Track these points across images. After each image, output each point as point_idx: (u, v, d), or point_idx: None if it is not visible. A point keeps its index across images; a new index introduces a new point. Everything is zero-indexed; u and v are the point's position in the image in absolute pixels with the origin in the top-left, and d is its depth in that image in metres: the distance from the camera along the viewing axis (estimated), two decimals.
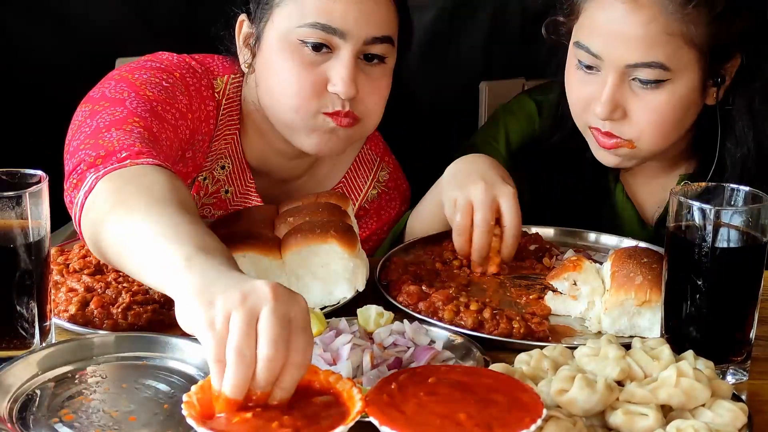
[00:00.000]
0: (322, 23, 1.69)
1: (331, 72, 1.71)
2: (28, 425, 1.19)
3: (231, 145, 1.87)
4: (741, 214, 1.31)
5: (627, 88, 1.72)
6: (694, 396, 1.15)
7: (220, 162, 1.88)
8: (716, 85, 1.76)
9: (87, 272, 1.57)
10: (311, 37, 1.70)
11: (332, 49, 1.71)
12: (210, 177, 1.88)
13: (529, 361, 1.24)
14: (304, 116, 1.73)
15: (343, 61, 1.70)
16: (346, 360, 1.29)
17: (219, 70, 1.86)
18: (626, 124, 1.74)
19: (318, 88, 1.71)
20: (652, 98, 1.71)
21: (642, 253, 1.54)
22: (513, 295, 1.62)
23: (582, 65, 1.76)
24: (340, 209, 1.63)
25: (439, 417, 1.06)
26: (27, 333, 1.33)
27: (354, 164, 2.00)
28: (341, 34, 1.69)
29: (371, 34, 1.72)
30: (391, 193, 2.03)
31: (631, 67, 1.69)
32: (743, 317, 1.33)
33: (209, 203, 1.91)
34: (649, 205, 1.96)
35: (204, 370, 1.29)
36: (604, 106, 1.72)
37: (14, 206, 1.29)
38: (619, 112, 1.73)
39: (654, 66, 1.68)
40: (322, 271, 1.53)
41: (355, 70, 1.71)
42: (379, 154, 2.03)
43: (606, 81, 1.72)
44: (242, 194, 1.92)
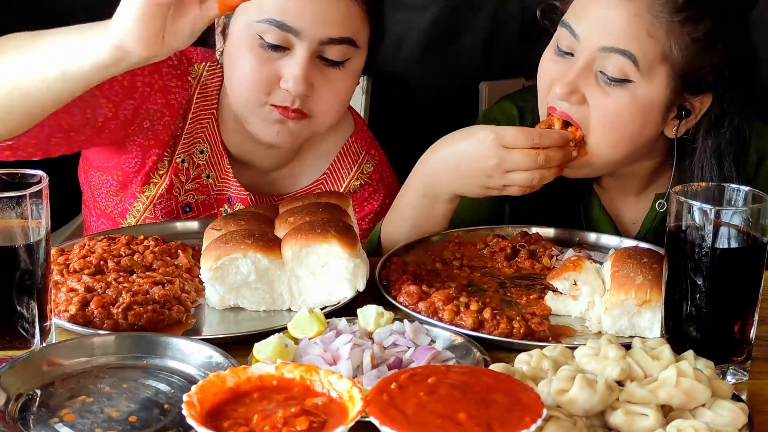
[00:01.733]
0: (277, 20, 1.71)
1: (285, 69, 1.74)
2: (28, 425, 1.19)
3: (207, 129, 1.92)
4: (741, 214, 1.31)
5: (592, 77, 1.72)
6: (695, 396, 1.15)
7: (199, 146, 1.93)
8: (679, 117, 1.75)
9: (87, 272, 1.57)
10: (268, 33, 1.72)
11: (289, 48, 1.74)
12: (189, 161, 1.93)
13: (530, 361, 1.24)
14: (253, 106, 1.77)
15: (297, 59, 1.73)
16: (347, 360, 1.29)
17: (198, 57, 1.93)
18: (583, 109, 1.73)
19: (270, 83, 1.75)
20: (613, 95, 1.70)
21: (642, 253, 1.54)
22: (513, 295, 1.62)
23: (559, 48, 1.77)
24: (340, 209, 1.63)
25: (439, 417, 1.06)
26: (27, 333, 1.33)
27: (338, 156, 2.01)
28: (296, 33, 1.72)
29: (327, 35, 1.73)
30: (375, 185, 2.04)
31: (605, 51, 1.69)
32: (743, 317, 1.33)
33: (192, 189, 1.96)
34: (626, 220, 1.96)
35: (204, 369, 1.29)
36: (564, 85, 1.72)
37: (15, 206, 1.29)
38: (577, 97, 1.72)
39: (626, 55, 1.67)
40: (322, 271, 1.53)
41: (311, 70, 1.74)
42: (365, 148, 2.04)
43: (574, 64, 1.72)
44: (222, 179, 1.96)
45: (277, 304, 1.55)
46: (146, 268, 1.61)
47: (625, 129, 1.73)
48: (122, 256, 1.64)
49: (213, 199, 1.98)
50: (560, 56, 1.77)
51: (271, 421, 1.06)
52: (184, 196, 1.96)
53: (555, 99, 1.75)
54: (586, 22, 1.72)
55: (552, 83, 1.76)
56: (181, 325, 1.49)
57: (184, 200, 1.97)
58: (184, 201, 1.97)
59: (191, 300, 1.55)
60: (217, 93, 1.93)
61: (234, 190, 1.97)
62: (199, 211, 1.98)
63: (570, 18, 1.76)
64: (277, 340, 1.31)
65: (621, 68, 1.68)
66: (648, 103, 1.71)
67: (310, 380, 1.14)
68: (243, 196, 1.97)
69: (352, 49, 1.78)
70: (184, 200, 1.97)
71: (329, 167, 2.01)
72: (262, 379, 1.15)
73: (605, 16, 1.70)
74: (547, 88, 1.78)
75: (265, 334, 1.35)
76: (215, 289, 1.53)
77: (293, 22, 1.72)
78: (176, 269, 1.62)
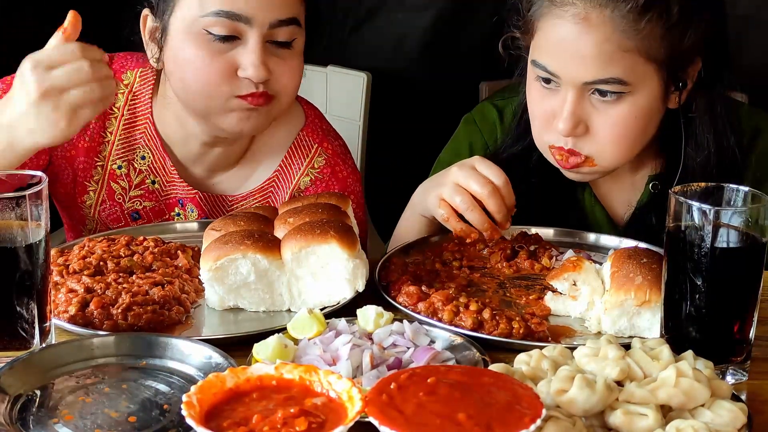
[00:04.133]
0: (225, 11, 1.70)
1: (241, 58, 1.73)
2: (28, 425, 1.19)
3: (146, 134, 1.92)
4: (741, 214, 1.31)
5: (588, 103, 1.71)
6: (694, 396, 1.15)
7: (139, 152, 1.92)
8: (678, 89, 1.76)
9: (87, 273, 1.57)
10: (217, 26, 1.71)
11: (239, 36, 1.73)
12: (129, 167, 1.93)
13: (529, 361, 1.24)
14: (218, 101, 1.75)
15: (251, 46, 1.72)
16: (346, 360, 1.29)
17: (130, 65, 1.93)
18: (588, 139, 1.73)
19: (228, 75, 1.73)
20: (614, 112, 1.71)
21: (642, 254, 1.54)
22: (513, 296, 1.62)
23: (543, 83, 1.76)
24: (339, 209, 1.63)
25: (438, 417, 1.06)
26: (27, 333, 1.33)
27: (289, 152, 1.98)
28: (246, 20, 1.71)
29: (276, 17, 1.73)
30: (328, 180, 1.98)
31: (589, 84, 1.69)
32: (743, 317, 1.33)
33: (138, 195, 1.95)
34: (618, 204, 1.96)
35: (203, 370, 1.30)
36: (566, 122, 1.71)
37: (14, 207, 1.29)
38: (582, 128, 1.73)
39: (612, 82, 1.68)
40: (322, 272, 1.53)
41: (265, 54, 1.73)
42: (317, 141, 1.99)
43: (566, 97, 1.71)
44: (169, 183, 1.95)
45: (276, 305, 1.55)
46: (146, 269, 1.61)
47: (633, 132, 1.74)
48: (122, 256, 1.64)
49: (163, 204, 1.96)
50: (546, 88, 1.76)
51: (270, 422, 1.06)
52: (130, 203, 1.95)
53: (558, 137, 1.75)
54: (559, 61, 1.71)
55: (549, 119, 1.76)
56: (181, 325, 1.49)
57: (131, 207, 1.95)
58: (131, 208, 1.95)
59: (191, 300, 1.55)
60: (150, 98, 1.92)
61: (182, 191, 1.95)
62: (148, 218, 1.96)
63: (539, 57, 1.74)
64: (276, 341, 1.31)
65: (612, 89, 1.69)
66: (647, 101, 1.72)
67: (309, 380, 1.14)
68: (191, 195, 1.94)
69: (297, 29, 1.78)
70: (130, 207, 1.95)
71: (280, 164, 1.97)
72: (261, 379, 1.15)
73: (575, 51, 1.68)
74: (544, 124, 1.78)
75: (265, 335, 1.35)
76: (215, 290, 1.53)
77: (242, 10, 1.70)
78: (176, 270, 1.62)
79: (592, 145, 1.74)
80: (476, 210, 1.68)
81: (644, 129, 1.75)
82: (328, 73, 2.83)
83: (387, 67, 2.95)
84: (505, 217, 1.69)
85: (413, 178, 1.97)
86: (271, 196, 1.96)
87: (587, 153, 1.74)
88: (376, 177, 2.80)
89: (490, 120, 2.03)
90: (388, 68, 2.95)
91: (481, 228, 1.69)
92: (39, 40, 1.59)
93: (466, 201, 1.68)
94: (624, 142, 1.74)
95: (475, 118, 2.05)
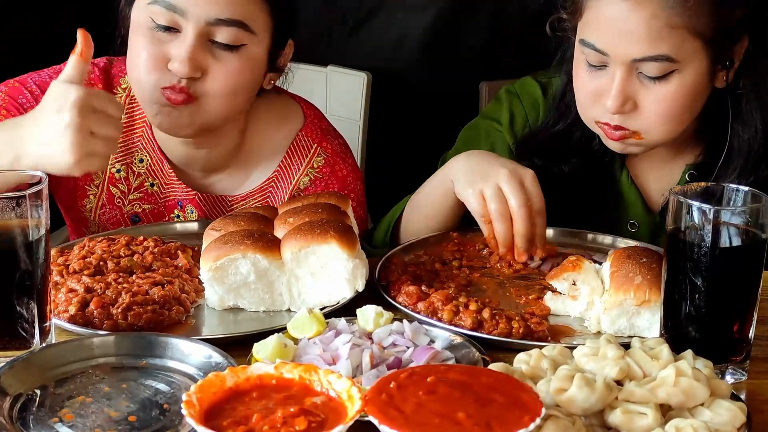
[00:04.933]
0: (166, 0, 1.71)
1: (173, 50, 1.73)
2: (28, 425, 1.19)
3: (143, 138, 1.93)
4: (741, 214, 1.31)
5: (636, 81, 1.73)
6: (693, 395, 1.15)
7: (137, 155, 1.93)
8: (725, 68, 1.77)
9: (87, 273, 1.57)
10: (159, 15, 1.72)
11: (179, 29, 1.73)
12: (127, 170, 1.93)
13: (529, 360, 1.24)
14: (146, 89, 1.75)
15: (184, 40, 1.72)
16: (346, 360, 1.29)
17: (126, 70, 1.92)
18: (636, 116, 1.75)
19: (158, 63, 1.73)
20: (662, 89, 1.72)
21: (641, 253, 1.54)
22: (512, 295, 1.62)
23: (590, 64, 1.77)
24: (339, 209, 1.63)
25: (438, 416, 1.06)
26: (27, 333, 1.33)
27: (288, 152, 1.97)
28: (181, 13, 1.71)
29: (213, 15, 1.72)
30: (327, 179, 1.97)
31: (638, 62, 1.70)
32: (742, 317, 1.33)
33: (137, 198, 1.95)
34: (654, 190, 1.97)
35: (203, 369, 1.30)
36: (614, 99, 1.73)
37: (14, 207, 1.29)
38: (630, 105, 1.74)
39: (660, 59, 1.69)
40: (322, 272, 1.53)
41: (199, 52, 1.72)
42: (316, 140, 1.98)
43: (614, 75, 1.73)
44: (167, 185, 1.95)
45: (276, 305, 1.55)
46: (146, 269, 1.62)
47: (680, 109, 1.75)
48: (122, 256, 1.64)
49: (162, 207, 1.96)
50: (594, 70, 1.77)
51: (270, 421, 1.06)
52: (129, 206, 1.95)
53: (605, 114, 1.76)
54: (608, 38, 1.72)
55: (597, 96, 1.76)
56: (181, 325, 1.49)
57: (131, 210, 1.95)
58: (131, 211, 1.95)
59: (191, 300, 1.55)
60: None
61: (181, 193, 1.95)
62: (148, 220, 1.96)
63: (588, 35, 1.75)
64: (276, 340, 1.31)
65: (660, 68, 1.70)
66: (694, 79, 1.73)
67: (309, 380, 1.15)
68: (191, 196, 1.94)
69: (247, 34, 1.75)
70: (130, 211, 1.95)
71: (279, 165, 1.96)
72: (261, 378, 1.15)
73: (624, 28, 1.69)
74: (591, 102, 1.79)
75: (265, 335, 1.35)
76: (215, 290, 1.53)
77: (179, 1, 1.71)
78: (176, 270, 1.62)
79: (640, 121, 1.75)
80: (506, 225, 1.68)
81: (691, 106, 1.76)
82: (328, 73, 2.83)
83: (387, 67, 2.95)
84: (524, 246, 1.69)
85: (413, 178, 1.98)
86: (270, 196, 1.96)
87: (635, 129, 1.76)
88: (376, 177, 2.79)
89: (534, 95, 2.03)
90: (388, 68, 2.95)
91: (500, 243, 1.70)
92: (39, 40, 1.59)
93: (499, 211, 1.68)
94: (671, 119, 1.75)
95: (518, 91, 2.05)
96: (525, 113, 2.03)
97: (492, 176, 1.70)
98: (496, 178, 1.69)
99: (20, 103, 1.85)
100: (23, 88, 1.88)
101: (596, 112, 1.79)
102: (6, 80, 1.90)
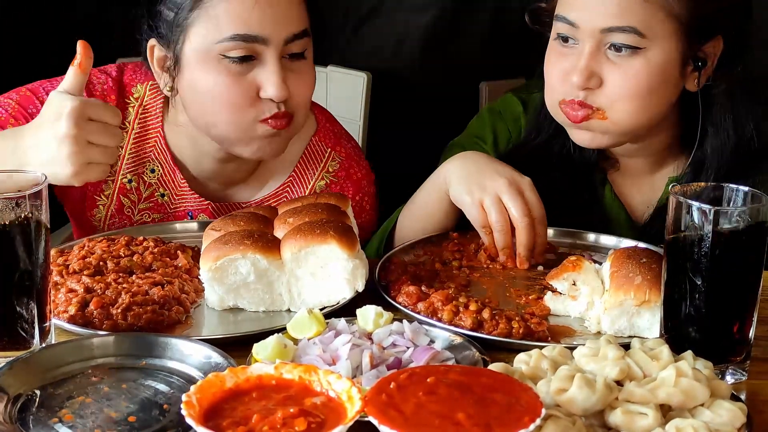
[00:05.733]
0: (241, 34, 1.70)
1: (261, 78, 1.73)
2: (28, 425, 1.19)
3: (156, 148, 1.92)
4: (741, 214, 1.31)
5: (603, 57, 1.73)
6: (693, 396, 1.15)
7: (149, 165, 1.93)
8: (697, 68, 1.76)
9: (87, 273, 1.57)
10: (234, 50, 1.71)
11: (256, 57, 1.72)
12: (138, 180, 1.93)
13: (529, 361, 1.24)
14: (245, 128, 1.75)
15: (270, 65, 1.72)
16: (346, 360, 1.29)
17: (139, 77, 1.93)
18: (600, 92, 1.74)
19: (251, 97, 1.73)
20: (628, 65, 1.71)
21: (641, 254, 1.54)
22: (512, 296, 1.62)
23: (561, 41, 1.77)
24: (339, 210, 1.63)
25: (438, 417, 1.06)
26: (27, 333, 1.33)
27: (302, 159, 1.99)
28: (263, 41, 1.71)
29: (291, 32, 1.73)
30: (342, 182, 2.00)
31: (606, 32, 1.70)
32: (742, 317, 1.33)
33: (146, 208, 1.95)
34: (638, 203, 1.96)
35: (203, 369, 1.30)
36: (581, 72, 1.72)
37: (14, 207, 1.29)
38: (595, 80, 1.73)
39: (628, 30, 1.69)
40: (322, 272, 1.53)
41: (284, 72, 1.73)
42: (330, 145, 2.01)
43: (582, 50, 1.73)
44: (178, 196, 1.95)
45: (276, 305, 1.55)
46: (146, 269, 1.62)
47: (646, 94, 1.73)
48: (122, 256, 1.64)
49: (171, 216, 1.96)
50: (565, 47, 1.77)
51: (270, 421, 1.06)
52: (138, 216, 1.95)
53: (572, 90, 1.75)
54: (580, 8, 1.73)
55: (566, 75, 1.76)
56: (181, 325, 1.49)
57: (140, 220, 1.96)
58: (140, 221, 1.95)
59: (190, 300, 1.55)
60: (161, 112, 1.93)
61: (194, 204, 1.95)
62: None
63: (562, 9, 1.76)
64: (276, 341, 1.31)
65: (627, 40, 1.70)
66: (663, 63, 1.72)
67: (309, 380, 1.15)
68: (204, 206, 1.95)
69: (308, 40, 1.79)
70: (139, 220, 1.96)
71: (293, 171, 1.98)
72: (261, 379, 1.15)
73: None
74: (559, 81, 1.78)
75: (265, 335, 1.35)
76: (214, 290, 1.53)
77: (257, 31, 1.70)
78: (175, 270, 1.62)
79: (605, 98, 1.74)
80: (507, 235, 1.70)
81: (657, 91, 1.74)
82: (328, 73, 2.84)
83: (387, 67, 2.95)
84: (527, 254, 1.70)
85: (413, 178, 1.98)
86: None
87: (598, 105, 1.74)
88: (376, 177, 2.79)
89: (515, 112, 2.04)
90: (388, 68, 2.95)
91: (501, 252, 1.71)
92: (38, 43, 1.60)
93: (501, 222, 1.69)
94: (635, 98, 1.73)
95: (500, 109, 2.06)
96: (508, 131, 2.04)
97: (490, 185, 1.70)
98: (494, 188, 1.70)
99: (30, 113, 1.86)
100: (34, 97, 1.88)
101: (562, 91, 1.77)
102: (18, 87, 1.90)
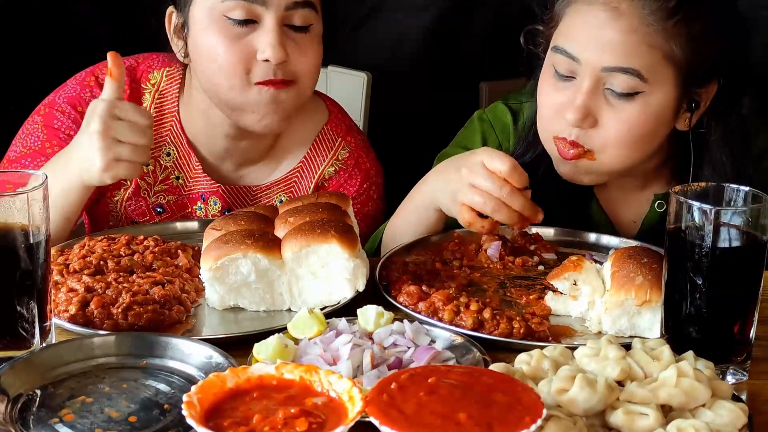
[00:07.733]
0: None
1: (259, 41, 1.77)
2: (28, 425, 1.19)
3: (171, 132, 1.97)
4: (741, 214, 1.31)
5: (601, 97, 1.71)
6: (695, 396, 1.15)
7: (165, 149, 1.97)
8: (690, 110, 1.75)
9: (87, 272, 1.57)
10: (235, 10, 1.76)
11: (257, 20, 1.77)
12: (155, 164, 1.98)
13: (530, 361, 1.24)
14: (240, 90, 1.79)
15: (268, 28, 1.77)
16: (347, 360, 1.29)
17: (155, 65, 1.98)
18: (594, 133, 1.72)
19: (247, 59, 1.78)
20: (625, 109, 1.70)
21: (642, 253, 1.54)
22: (513, 295, 1.62)
23: (558, 74, 1.75)
24: (340, 209, 1.63)
25: (439, 417, 1.06)
26: (27, 333, 1.33)
27: (313, 145, 2.03)
28: (262, 2, 1.76)
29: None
30: (351, 170, 2.05)
31: (608, 71, 1.68)
32: (743, 317, 1.33)
33: (161, 190, 1.99)
34: (625, 219, 1.96)
35: (204, 369, 1.29)
36: (576, 111, 1.70)
37: (15, 207, 1.29)
38: (590, 120, 1.71)
39: (631, 72, 1.67)
40: (322, 271, 1.53)
41: (282, 37, 1.77)
42: (341, 134, 2.06)
43: (581, 87, 1.71)
44: (192, 179, 1.99)
45: (277, 305, 1.55)
46: (146, 268, 1.61)
47: (639, 135, 1.72)
48: (122, 256, 1.64)
49: (185, 198, 2.00)
50: (562, 81, 1.75)
51: (270, 422, 1.06)
52: (154, 197, 2.00)
53: (564, 128, 1.73)
54: (583, 44, 1.71)
55: (560, 110, 1.74)
56: (181, 325, 1.49)
57: (155, 202, 2.00)
58: (155, 203, 2.00)
59: (191, 300, 1.55)
60: (177, 97, 1.98)
61: (206, 187, 1.99)
62: (172, 211, 2.01)
63: (562, 42, 1.74)
64: (276, 341, 1.31)
65: (628, 84, 1.68)
66: (659, 107, 1.71)
67: (309, 380, 1.14)
68: (214, 189, 1.99)
69: (314, 14, 1.82)
70: (154, 202, 2.00)
71: (304, 156, 2.03)
72: (261, 379, 1.15)
73: (600, 35, 1.68)
74: (553, 116, 1.76)
75: (265, 335, 1.35)
76: (215, 289, 1.53)
77: None
78: (176, 269, 1.62)
79: (597, 139, 1.72)
80: (503, 209, 1.66)
81: (650, 136, 1.74)
82: (328, 73, 2.83)
83: (387, 67, 2.95)
84: (531, 211, 1.67)
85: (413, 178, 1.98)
86: (294, 186, 2.01)
87: (589, 147, 1.73)
88: None
89: (504, 122, 2.03)
90: (388, 68, 2.95)
91: (512, 223, 1.69)
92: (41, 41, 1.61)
93: (489, 203, 1.66)
94: (628, 144, 1.72)
95: (489, 117, 2.05)
96: (498, 140, 2.03)
97: (459, 181, 1.69)
98: (460, 180, 1.68)
99: (57, 128, 1.92)
100: (54, 111, 1.94)
101: (556, 127, 1.75)
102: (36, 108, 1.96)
